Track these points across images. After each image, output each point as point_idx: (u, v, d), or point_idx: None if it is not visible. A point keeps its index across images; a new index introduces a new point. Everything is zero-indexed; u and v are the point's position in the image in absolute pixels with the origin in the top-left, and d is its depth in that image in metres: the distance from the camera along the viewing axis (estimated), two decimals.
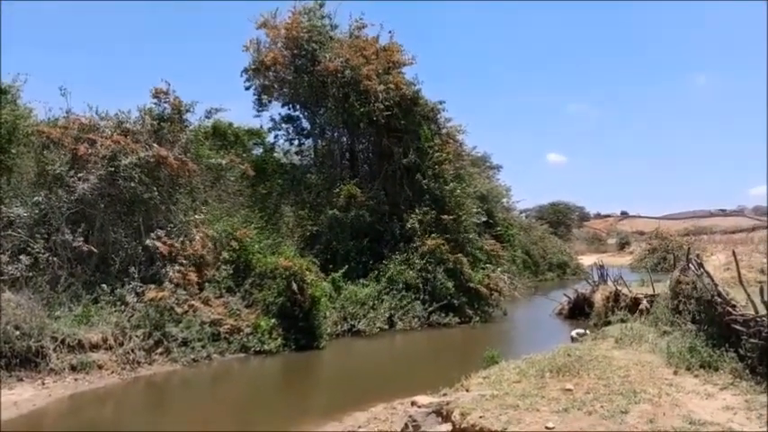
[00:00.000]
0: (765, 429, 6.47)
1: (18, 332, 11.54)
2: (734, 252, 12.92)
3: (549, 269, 44.12)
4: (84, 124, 15.68)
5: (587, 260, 45.29)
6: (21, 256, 13.32)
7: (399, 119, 23.01)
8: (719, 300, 9.84)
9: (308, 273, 16.74)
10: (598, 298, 20.28)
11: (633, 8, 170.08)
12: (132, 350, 13.04)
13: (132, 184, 15.14)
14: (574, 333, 15.67)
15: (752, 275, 20.61)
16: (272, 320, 15.75)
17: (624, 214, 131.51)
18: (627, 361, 10.13)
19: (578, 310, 21.71)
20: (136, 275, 14.48)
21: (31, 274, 13.26)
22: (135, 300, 13.96)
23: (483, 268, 22.96)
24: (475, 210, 24.91)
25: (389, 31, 24.09)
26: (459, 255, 21.77)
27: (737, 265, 10.95)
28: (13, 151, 15.41)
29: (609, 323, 16.55)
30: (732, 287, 10.91)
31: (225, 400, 12.08)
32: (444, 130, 25.05)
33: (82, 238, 14.21)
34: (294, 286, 16.04)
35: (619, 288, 19.20)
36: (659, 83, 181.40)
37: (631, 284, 19.74)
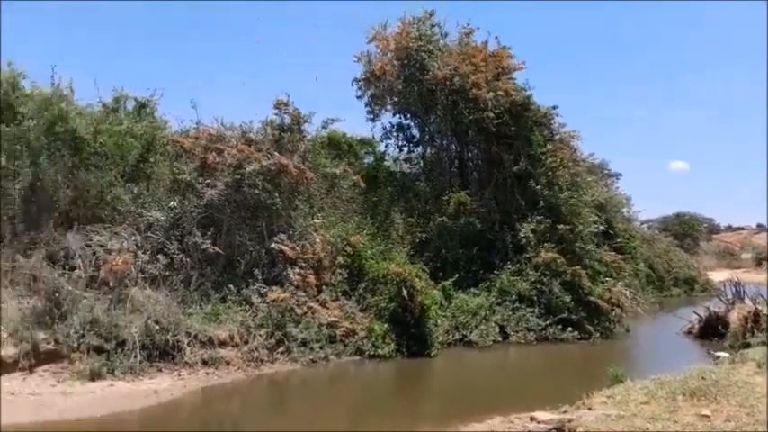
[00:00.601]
0: None
1: (158, 326, 12.51)
2: None
3: (674, 284, 41.05)
4: (212, 135, 16.80)
5: (718, 276, 41.64)
6: (159, 256, 14.43)
7: (510, 125, 22.50)
8: None
9: (417, 280, 16.81)
10: (734, 318, 18.54)
11: None
12: (256, 348, 13.71)
13: (256, 191, 15.99)
14: (719, 354, 14.35)
15: None
16: (385, 325, 15.96)
17: (761, 227, 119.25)
18: None
19: (710, 330, 19.93)
20: (259, 277, 15.23)
21: (167, 273, 14.30)
22: (259, 300, 14.68)
23: (603, 281, 21.76)
24: (592, 219, 23.75)
25: (495, 37, 23.77)
26: (577, 267, 20.82)
27: None
28: (152, 160, 16.73)
29: (748, 345, 15.15)
30: None
31: (343, 401, 12.41)
32: (557, 136, 24.14)
33: (210, 241, 15.18)
34: (405, 292, 16.17)
35: (759, 307, 17.47)
36: None
37: None
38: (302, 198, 17.74)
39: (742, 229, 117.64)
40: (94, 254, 13.56)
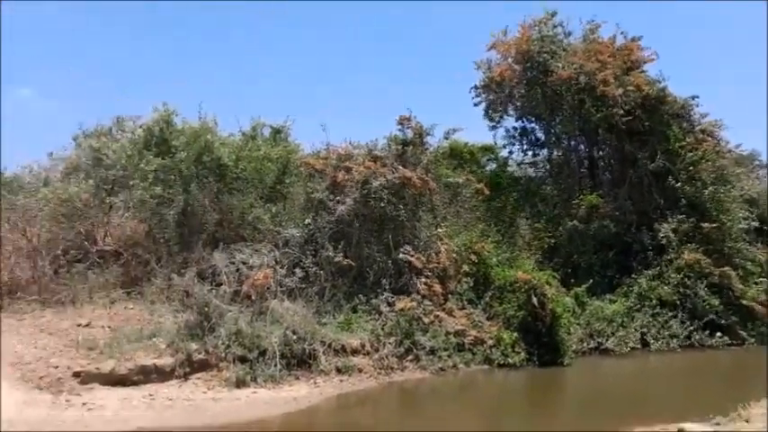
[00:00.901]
0: None
1: (295, 336, 13.29)
2: None
3: None
4: (341, 154, 17.66)
5: None
6: (295, 270, 15.41)
7: (643, 121, 21.42)
8: None
9: (548, 287, 16.40)
10: None
11: None
12: (386, 356, 14.11)
13: (382, 204, 16.55)
14: None
15: None
16: (514, 334, 15.70)
17: None
18: None
19: None
20: (387, 287, 15.70)
21: (303, 285, 15.19)
22: (387, 309, 15.12)
23: (756, 283, 19.82)
24: (743, 215, 21.62)
25: (622, 32, 22.76)
26: (726, 267, 19.15)
27: None
28: (287, 181, 17.97)
29: None
30: None
31: (473, 409, 12.39)
32: (698, 128, 22.45)
33: (341, 254, 15.91)
34: (534, 300, 15.82)
35: None
36: None
37: None
38: (426, 209, 18.05)
39: None
40: (237, 270, 14.73)
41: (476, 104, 24.23)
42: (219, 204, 16.57)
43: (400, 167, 17.21)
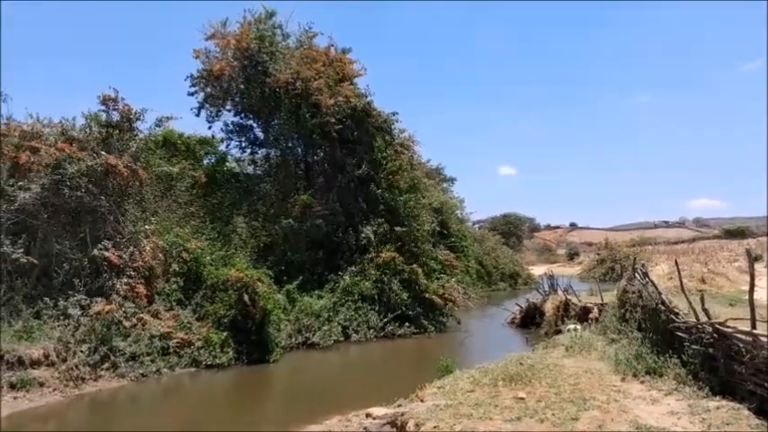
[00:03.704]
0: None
1: None
2: (676, 262, 13.43)
3: (501, 279, 45.01)
4: (25, 131, 15.06)
5: (538, 270, 46.37)
6: None
7: (352, 130, 23.09)
8: (663, 308, 10.23)
9: (260, 284, 16.50)
10: (549, 307, 20.75)
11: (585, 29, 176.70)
12: (76, 366, 12.52)
13: (78, 193, 14.63)
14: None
15: (692, 284, 21.61)
16: (224, 333, 15.43)
17: (573, 225, 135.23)
18: (577, 369, 10.41)
19: (530, 320, 22.18)
20: (81, 288, 13.97)
21: None
22: (80, 313, 13.43)
23: (437, 278, 23.16)
24: (429, 220, 25.10)
25: (334, 47, 24.09)
26: (414, 265, 21.91)
27: (680, 274, 11.42)
28: None
29: (559, 332, 16.95)
30: (675, 296, 11.36)
31: (174, 415, 11.69)
32: (397, 141, 25.16)
33: (22, 250, 13.59)
34: (246, 298, 15.78)
35: (569, 297, 19.71)
36: (603, 102, 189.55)
37: (580, 294, 20.33)
38: (133, 201, 16.48)
39: (558, 227, 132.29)
40: None
41: (191, 94, 23.21)
42: None
43: (103, 153, 15.41)
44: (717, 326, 8.57)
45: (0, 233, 13.62)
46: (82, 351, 12.80)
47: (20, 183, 14.17)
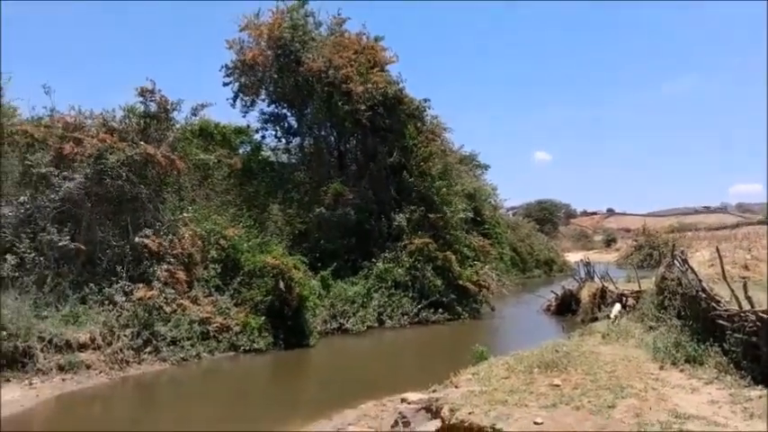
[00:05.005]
0: (748, 423, 6.60)
1: (4, 333, 11.41)
2: (717, 248, 13.06)
3: (536, 266, 44.55)
4: (68, 123, 15.51)
5: (574, 257, 45.75)
6: (6, 256, 13.16)
7: (384, 118, 23.05)
8: (704, 295, 9.99)
9: (295, 271, 16.75)
10: (585, 294, 20.49)
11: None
12: (121, 349, 12.97)
13: (119, 183, 15.03)
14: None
15: (735, 271, 20.99)
16: (262, 319, 15.74)
17: (610, 211, 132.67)
18: (614, 356, 10.27)
19: (565, 307, 21.93)
20: (124, 274, 14.38)
21: (17, 274, 13.11)
22: (123, 299, 13.85)
23: (471, 265, 23.12)
24: (462, 207, 25.00)
25: (364, 33, 24.06)
26: (448, 252, 21.90)
27: (721, 261, 11.13)
28: None
29: (596, 319, 16.75)
30: (716, 283, 11.08)
31: (215, 397, 12.04)
32: (429, 128, 25.08)
33: (68, 238, 14.07)
34: (282, 285, 16.05)
35: (605, 285, 19.40)
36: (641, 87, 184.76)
37: (618, 281, 19.97)
38: (171, 190, 16.86)
39: (595, 213, 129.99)
40: None
41: (225, 84, 23.56)
42: None
43: (142, 143, 15.78)
44: (760, 314, 8.35)
45: (47, 221, 14.12)
46: (125, 335, 13.24)
47: (64, 173, 14.62)
